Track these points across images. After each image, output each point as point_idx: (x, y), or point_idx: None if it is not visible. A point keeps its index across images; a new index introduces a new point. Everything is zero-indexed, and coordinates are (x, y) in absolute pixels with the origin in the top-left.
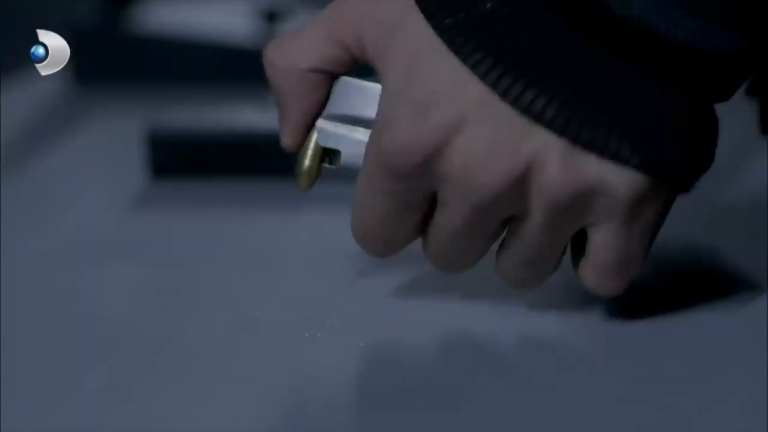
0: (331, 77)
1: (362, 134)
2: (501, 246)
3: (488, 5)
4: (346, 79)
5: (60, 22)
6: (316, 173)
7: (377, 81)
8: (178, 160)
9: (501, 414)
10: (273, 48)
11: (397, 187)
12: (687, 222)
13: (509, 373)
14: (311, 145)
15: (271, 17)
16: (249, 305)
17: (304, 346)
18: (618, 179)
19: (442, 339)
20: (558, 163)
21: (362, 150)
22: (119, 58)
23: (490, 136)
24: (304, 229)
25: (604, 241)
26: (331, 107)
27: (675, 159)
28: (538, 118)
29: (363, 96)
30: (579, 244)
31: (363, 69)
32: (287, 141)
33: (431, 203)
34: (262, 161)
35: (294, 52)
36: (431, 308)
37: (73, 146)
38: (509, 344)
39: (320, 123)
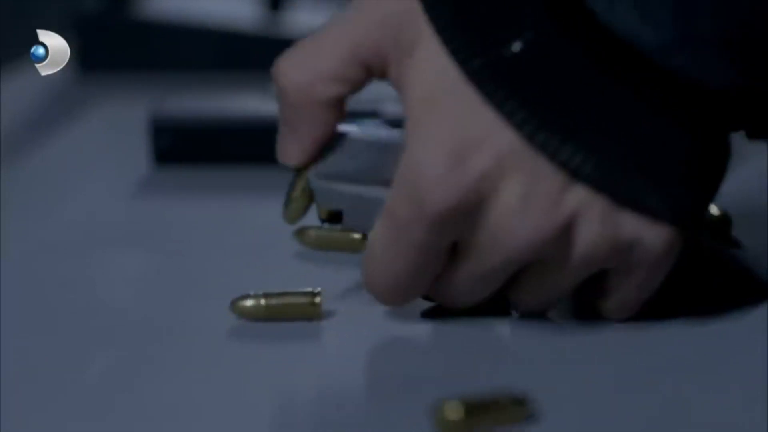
0: (344, 99)
1: (367, 191)
2: (512, 282)
3: (517, 47)
4: (344, 135)
5: (65, 8)
6: (305, 210)
7: (370, 129)
8: (181, 147)
9: None
10: (287, 65)
11: (431, 239)
12: None
13: (509, 361)
14: (302, 183)
15: (275, 5)
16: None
17: (308, 333)
18: (652, 233)
19: (446, 327)
20: (598, 221)
21: (367, 207)
22: (122, 45)
23: (530, 189)
24: (308, 216)
25: (631, 285)
26: (329, 165)
27: (700, 207)
28: (575, 173)
29: (367, 151)
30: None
31: None
32: (299, 158)
33: (452, 248)
34: (265, 148)
35: (312, 74)
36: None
37: (77, 134)
38: (509, 332)
39: (318, 183)
